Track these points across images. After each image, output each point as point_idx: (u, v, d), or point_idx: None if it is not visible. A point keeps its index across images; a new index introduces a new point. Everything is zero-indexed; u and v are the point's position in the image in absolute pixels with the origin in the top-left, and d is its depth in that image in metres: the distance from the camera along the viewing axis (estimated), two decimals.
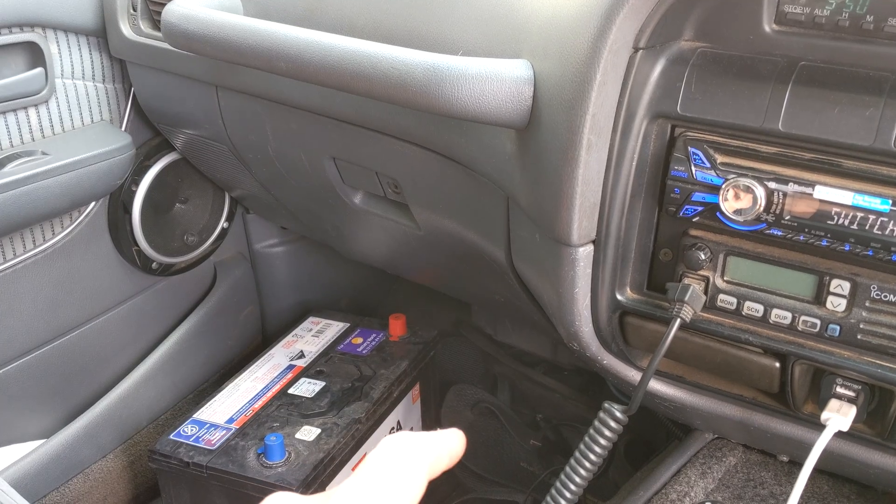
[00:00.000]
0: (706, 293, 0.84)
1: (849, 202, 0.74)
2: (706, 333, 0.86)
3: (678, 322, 0.83)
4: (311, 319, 1.67)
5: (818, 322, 0.80)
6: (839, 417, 0.82)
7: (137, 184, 1.47)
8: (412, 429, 1.56)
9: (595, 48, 0.76)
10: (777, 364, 0.85)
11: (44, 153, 1.29)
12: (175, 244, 1.57)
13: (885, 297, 0.76)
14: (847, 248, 0.75)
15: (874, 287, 0.77)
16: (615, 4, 0.75)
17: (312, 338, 1.60)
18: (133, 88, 1.44)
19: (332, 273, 1.87)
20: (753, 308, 0.82)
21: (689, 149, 0.79)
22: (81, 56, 1.37)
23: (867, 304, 0.77)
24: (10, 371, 1.37)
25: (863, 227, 0.74)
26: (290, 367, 1.51)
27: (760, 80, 0.76)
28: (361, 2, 1.06)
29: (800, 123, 0.74)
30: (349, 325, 1.63)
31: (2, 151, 1.29)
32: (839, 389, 0.83)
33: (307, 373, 1.50)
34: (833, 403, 0.83)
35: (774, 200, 0.76)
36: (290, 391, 1.45)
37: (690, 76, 0.78)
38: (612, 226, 0.84)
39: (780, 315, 0.81)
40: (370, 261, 1.54)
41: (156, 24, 1.33)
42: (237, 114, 1.32)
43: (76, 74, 1.37)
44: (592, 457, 0.88)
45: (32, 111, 1.32)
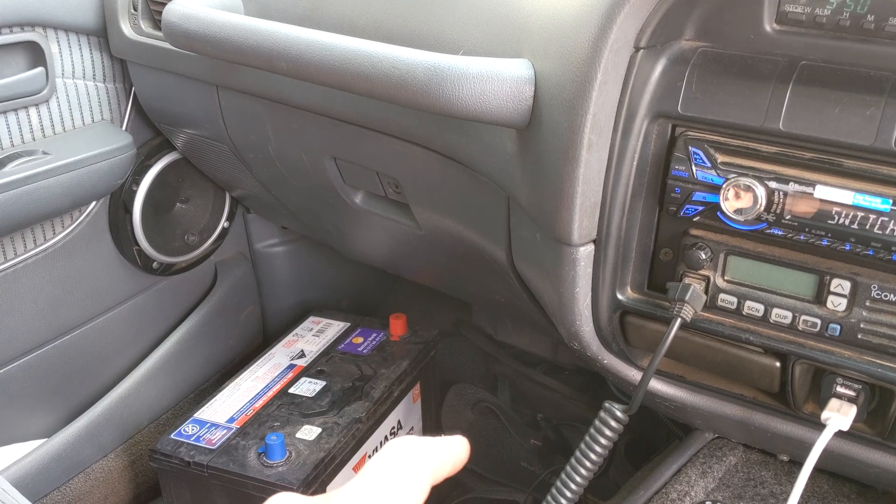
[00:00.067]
0: (707, 293, 0.84)
1: (849, 202, 0.74)
2: (707, 333, 0.86)
3: (679, 322, 0.83)
4: (312, 319, 1.67)
5: (818, 322, 0.80)
6: (839, 417, 0.82)
7: (138, 183, 1.47)
8: (412, 428, 1.56)
9: (596, 48, 0.77)
10: (777, 364, 0.85)
11: (44, 153, 1.29)
12: (176, 244, 1.57)
13: (886, 297, 0.76)
14: (847, 248, 0.75)
15: (875, 287, 0.77)
16: (616, 4, 0.75)
17: (313, 337, 1.60)
18: (134, 88, 1.44)
19: (333, 273, 1.87)
20: (754, 308, 0.82)
21: (690, 148, 0.79)
22: (82, 55, 1.37)
23: (867, 304, 0.77)
24: (11, 370, 1.37)
25: (863, 227, 0.74)
26: (291, 367, 1.51)
27: (761, 80, 0.76)
28: (362, 1, 1.06)
29: (800, 123, 0.74)
30: (350, 325, 1.63)
31: (2, 151, 1.29)
32: (839, 389, 0.83)
33: (308, 372, 1.50)
34: (833, 403, 0.83)
35: (775, 200, 0.76)
36: (291, 391, 1.45)
37: (691, 76, 0.78)
38: (613, 225, 0.84)
39: (781, 315, 0.81)
40: (371, 260, 1.54)
41: (157, 24, 1.33)
42: (238, 113, 1.32)
43: (77, 74, 1.37)
44: (593, 456, 0.88)
45: (33, 111, 1.32)
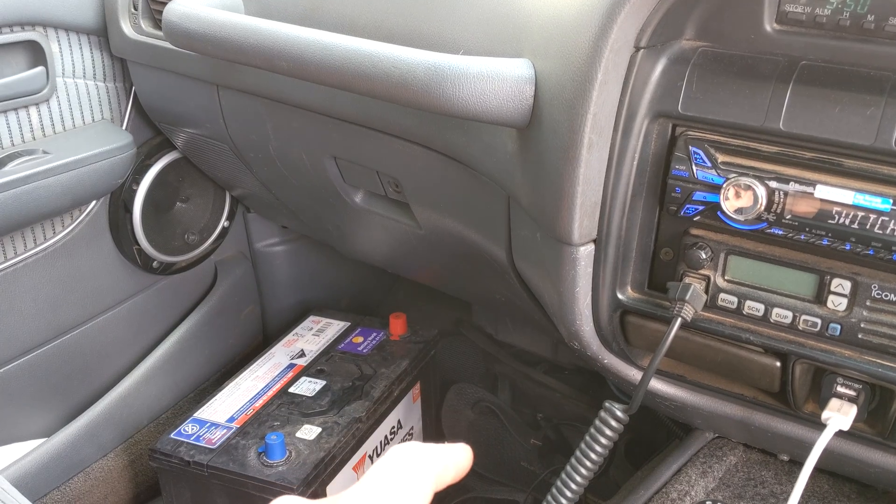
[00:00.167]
0: (707, 292, 0.84)
1: (850, 201, 0.74)
2: (707, 333, 0.86)
3: (679, 321, 0.83)
4: (312, 318, 1.67)
5: (819, 321, 0.80)
6: (840, 417, 0.82)
7: (138, 183, 1.47)
8: (412, 428, 1.56)
9: (596, 47, 0.76)
10: (778, 363, 0.85)
11: (45, 152, 1.29)
12: (176, 243, 1.57)
13: (886, 297, 0.76)
14: (848, 248, 0.75)
15: (875, 286, 0.77)
16: (616, 4, 0.75)
17: (313, 337, 1.60)
18: (134, 87, 1.44)
19: (333, 272, 1.87)
20: (754, 307, 0.82)
21: (690, 148, 0.79)
22: (82, 55, 1.37)
23: (868, 304, 0.77)
24: (11, 370, 1.37)
25: (864, 227, 0.74)
26: (291, 366, 1.51)
27: (761, 80, 0.76)
28: (362, 1, 1.06)
29: (801, 123, 0.74)
30: (350, 325, 1.63)
31: (2, 150, 1.29)
32: (840, 389, 0.83)
33: (308, 372, 1.50)
34: (834, 403, 0.83)
35: (775, 200, 0.76)
36: (291, 390, 1.45)
37: (691, 75, 0.78)
38: (613, 225, 0.84)
39: (781, 314, 0.81)
40: (371, 260, 1.53)
41: (157, 23, 1.33)
42: (238, 113, 1.32)
43: (77, 73, 1.37)
44: (593, 456, 0.88)
45: (33, 110, 1.32)
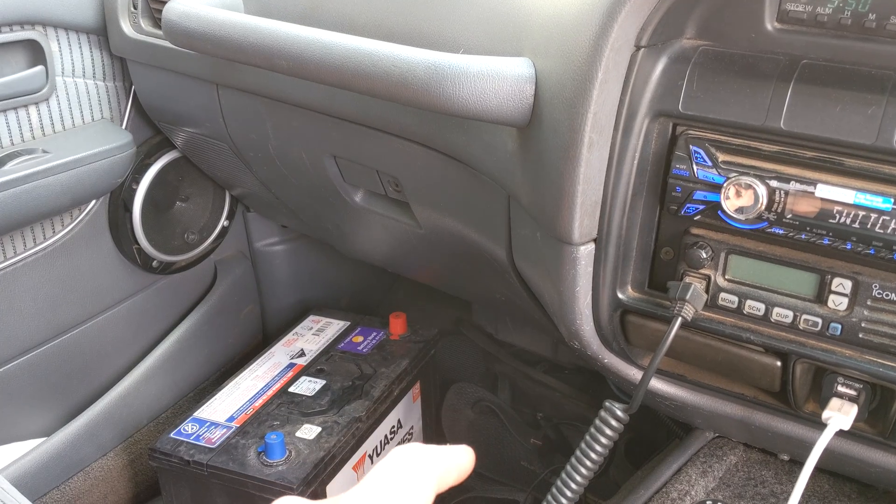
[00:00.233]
0: (707, 292, 0.84)
1: (850, 201, 0.73)
2: (707, 332, 0.86)
3: (679, 321, 0.83)
4: (312, 318, 1.67)
5: (819, 321, 0.80)
6: (840, 416, 0.82)
7: (138, 182, 1.47)
8: (412, 427, 1.56)
9: (597, 46, 0.76)
10: (778, 363, 0.85)
11: (44, 151, 1.29)
12: (175, 242, 1.57)
13: (887, 296, 0.76)
14: (849, 247, 0.75)
15: (876, 286, 0.76)
16: (617, 3, 0.75)
17: (313, 336, 1.60)
18: (133, 86, 1.44)
19: (333, 271, 1.87)
20: (755, 307, 0.82)
21: (691, 147, 0.79)
22: (82, 54, 1.37)
23: (868, 303, 0.77)
24: (11, 369, 1.37)
25: (864, 226, 0.73)
26: (291, 366, 1.51)
27: (762, 79, 0.76)
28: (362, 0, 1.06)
29: (802, 122, 0.74)
30: (350, 324, 1.63)
31: (2, 150, 1.29)
32: (840, 388, 0.83)
33: (308, 371, 1.50)
34: (834, 402, 0.83)
35: (776, 199, 0.76)
36: (291, 389, 1.45)
37: (692, 74, 0.78)
38: (614, 224, 0.84)
39: (782, 314, 0.81)
40: (371, 259, 1.53)
41: (156, 22, 1.33)
42: (238, 112, 1.32)
43: (77, 72, 1.37)
44: (593, 455, 0.88)
45: (33, 109, 1.32)
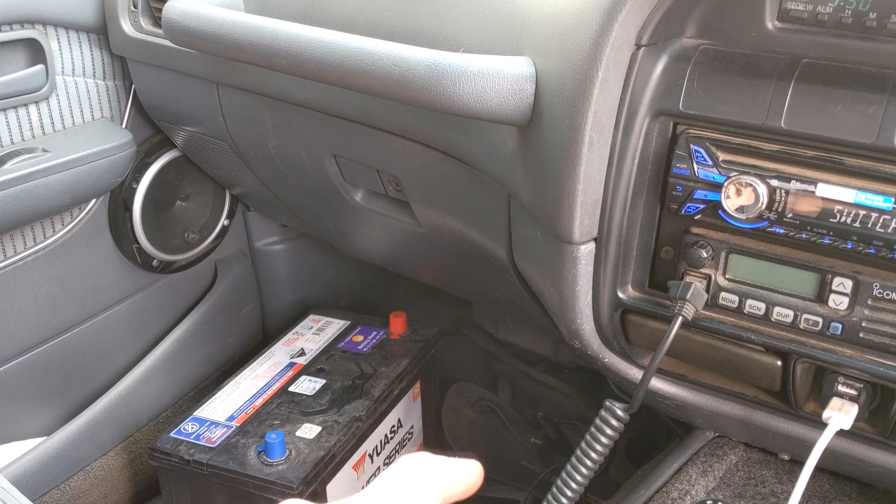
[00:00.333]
0: (708, 291, 0.84)
1: (851, 200, 0.73)
2: (708, 332, 0.86)
3: (680, 320, 0.83)
4: (312, 317, 1.66)
5: (820, 320, 0.80)
6: (841, 416, 0.82)
7: (138, 181, 1.46)
8: (412, 427, 1.56)
9: (597, 45, 0.76)
10: (779, 362, 0.85)
11: (44, 150, 1.29)
12: (176, 242, 1.57)
13: (888, 296, 0.76)
14: (849, 246, 0.75)
15: (876, 285, 0.76)
16: (618, 2, 0.75)
17: (313, 335, 1.60)
18: (134, 85, 1.43)
19: (333, 271, 1.87)
20: (755, 306, 0.82)
21: (692, 146, 0.79)
22: (82, 53, 1.37)
23: (869, 303, 0.77)
24: (11, 368, 1.37)
25: (865, 225, 0.73)
26: (291, 365, 1.51)
27: (763, 78, 0.76)
28: None
29: (802, 121, 0.74)
30: (350, 323, 1.63)
31: (2, 149, 1.29)
32: (841, 388, 0.83)
33: (308, 370, 1.49)
34: (835, 402, 0.83)
35: (776, 198, 0.76)
36: (291, 389, 1.45)
37: (693, 73, 0.78)
38: (614, 223, 0.84)
39: (782, 313, 0.81)
40: (371, 258, 1.53)
41: (157, 21, 1.33)
42: (238, 111, 1.32)
43: (77, 71, 1.37)
44: (594, 455, 0.88)
45: (33, 108, 1.32)
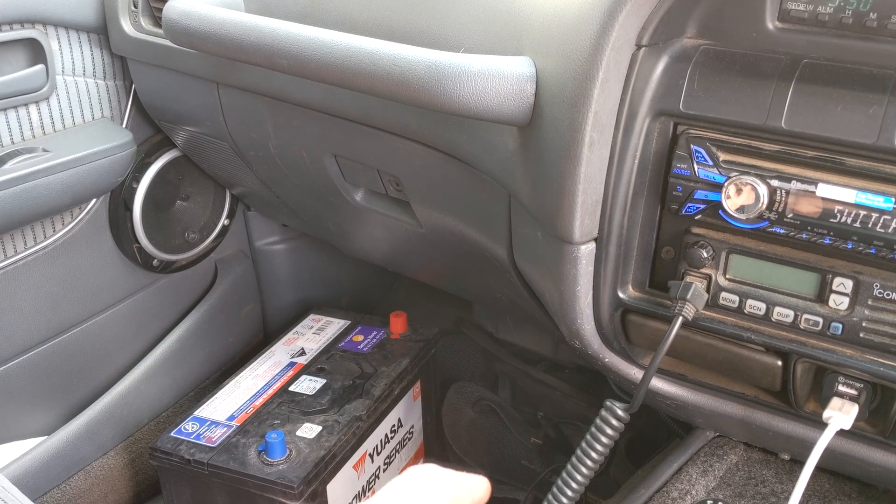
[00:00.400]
0: (708, 291, 0.84)
1: (852, 200, 0.73)
2: (708, 332, 0.86)
3: (680, 320, 0.83)
4: (312, 317, 1.66)
5: (820, 320, 0.80)
6: (841, 416, 0.82)
7: (138, 181, 1.46)
8: (413, 427, 1.56)
9: (597, 45, 0.76)
10: (779, 362, 0.85)
11: (44, 150, 1.29)
12: (176, 241, 1.57)
13: (888, 296, 0.76)
14: (850, 247, 0.75)
15: (876, 285, 0.76)
16: (618, 2, 0.75)
17: (313, 335, 1.60)
18: (134, 85, 1.43)
19: (334, 270, 1.87)
20: (756, 306, 0.82)
21: (692, 146, 0.79)
22: (82, 53, 1.37)
23: (869, 303, 0.77)
24: (11, 368, 1.37)
25: (865, 226, 0.73)
26: (291, 365, 1.51)
27: (763, 78, 0.76)
28: None
29: (803, 121, 0.74)
30: (350, 323, 1.63)
31: (2, 148, 1.29)
32: (841, 388, 0.83)
33: (308, 370, 1.49)
34: (835, 402, 0.83)
35: (777, 198, 0.76)
36: (291, 388, 1.45)
37: (693, 74, 0.78)
38: (615, 223, 0.84)
39: (783, 313, 0.81)
40: (371, 258, 1.53)
41: (157, 21, 1.33)
42: (238, 111, 1.32)
43: (77, 71, 1.37)
44: (594, 455, 0.88)
45: (33, 108, 1.32)
